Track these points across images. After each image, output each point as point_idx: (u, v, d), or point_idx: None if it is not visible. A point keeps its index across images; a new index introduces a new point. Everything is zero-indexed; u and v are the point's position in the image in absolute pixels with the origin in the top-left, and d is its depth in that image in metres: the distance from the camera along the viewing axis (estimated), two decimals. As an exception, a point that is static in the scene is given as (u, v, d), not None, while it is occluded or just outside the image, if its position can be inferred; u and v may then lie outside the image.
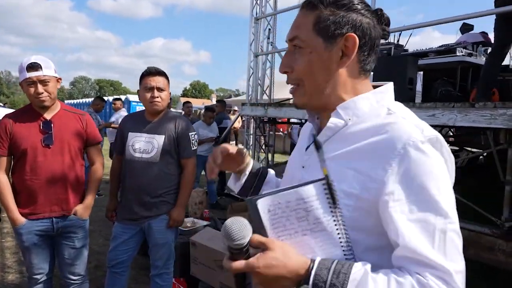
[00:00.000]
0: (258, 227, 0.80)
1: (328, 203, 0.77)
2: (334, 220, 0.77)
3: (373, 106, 0.88)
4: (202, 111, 7.35)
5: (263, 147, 6.51)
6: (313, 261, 0.77)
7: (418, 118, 0.85)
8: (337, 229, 0.78)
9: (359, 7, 0.87)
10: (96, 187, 2.54)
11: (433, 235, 0.74)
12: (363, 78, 0.91)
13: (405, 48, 6.27)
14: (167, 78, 2.58)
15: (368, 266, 0.76)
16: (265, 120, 6.23)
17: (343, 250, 0.78)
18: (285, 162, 6.24)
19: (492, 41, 5.49)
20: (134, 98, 21.25)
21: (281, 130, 7.69)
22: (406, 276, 0.74)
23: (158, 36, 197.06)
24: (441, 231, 0.75)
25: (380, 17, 0.91)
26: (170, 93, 2.63)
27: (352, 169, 0.82)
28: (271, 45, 6.09)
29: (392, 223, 0.76)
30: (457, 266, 0.75)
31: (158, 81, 2.51)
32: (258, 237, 0.78)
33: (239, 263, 0.77)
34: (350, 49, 0.86)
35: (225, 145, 1.09)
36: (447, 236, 0.75)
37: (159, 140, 2.53)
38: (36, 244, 2.31)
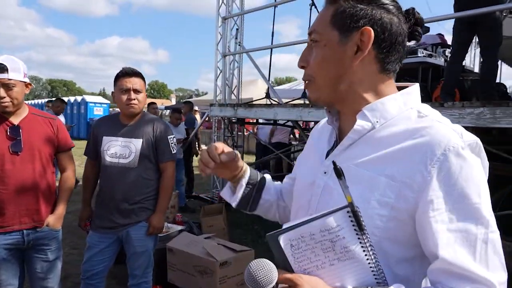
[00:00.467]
0: (282, 261, 0.77)
1: (355, 230, 0.72)
2: (362, 247, 0.73)
3: (401, 108, 0.84)
4: (165, 112, 7.12)
5: (232, 147, 6.45)
6: None
7: (450, 122, 0.82)
8: (365, 255, 0.73)
9: (383, 1, 0.83)
10: (68, 196, 2.40)
11: (475, 246, 0.72)
12: (386, 78, 0.86)
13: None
14: (143, 79, 2.48)
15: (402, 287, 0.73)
16: (233, 120, 6.18)
17: (374, 275, 0.74)
18: (254, 163, 6.22)
19: (449, 42, 5.80)
20: (91, 99, 20.41)
21: (245, 129, 7.67)
22: None
23: (114, 34, 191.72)
24: (483, 241, 0.72)
25: (411, 15, 0.86)
26: (146, 95, 2.53)
27: (385, 176, 0.78)
28: (239, 45, 6.05)
29: (432, 233, 0.73)
30: (500, 277, 0.72)
31: (134, 82, 2.41)
32: (284, 275, 0.75)
33: None
34: (365, 44, 0.82)
35: (217, 145, 1.00)
36: (489, 246, 0.72)
37: (137, 144, 2.42)
38: (5, 259, 2.14)
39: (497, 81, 4.71)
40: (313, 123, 5.16)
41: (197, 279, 2.83)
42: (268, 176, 1.16)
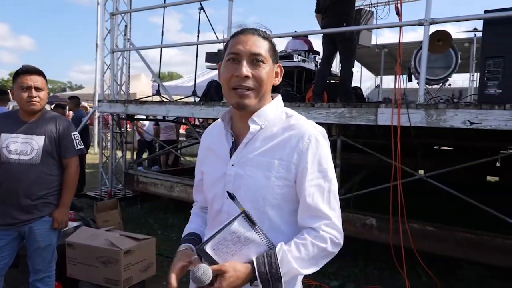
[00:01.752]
0: (210, 261, 1.10)
1: (250, 226, 1.11)
2: (256, 233, 1.12)
3: (275, 112, 1.25)
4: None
5: (120, 144, 6.41)
6: (251, 263, 1.10)
7: (305, 118, 1.27)
8: (259, 237, 1.13)
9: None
10: None
11: (323, 194, 1.17)
12: None
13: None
14: (45, 77, 2.53)
15: (283, 244, 1.12)
16: (122, 117, 6.17)
17: (266, 246, 1.14)
18: (146, 159, 6.27)
19: (313, 47, 6.73)
20: None
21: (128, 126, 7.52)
22: (306, 237, 1.13)
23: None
24: (328, 191, 1.18)
25: None
26: (48, 92, 2.58)
27: (277, 159, 1.18)
28: (128, 41, 6.04)
29: (304, 189, 1.16)
30: (336, 212, 1.19)
31: (36, 80, 2.45)
32: (214, 268, 1.08)
33: None
34: (280, 74, 1.28)
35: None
36: (331, 194, 1.18)
37: (39, 141, 2.47)
38: None
39: (358, 84, 5.68)
40: (202, 119, 5.49)
41: (100, 269, 2.96)
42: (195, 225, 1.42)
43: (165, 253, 4.10)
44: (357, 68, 13.10)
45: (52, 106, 6.29)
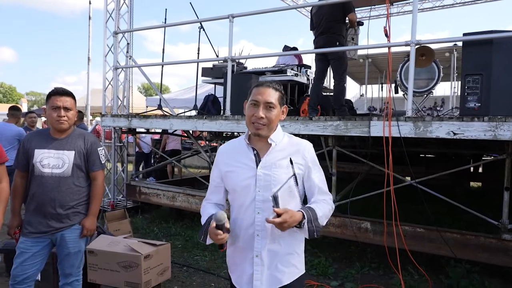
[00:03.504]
0: (276, 204, 1.64)
1: (295, 183, 1.79)
2: (297, 191, 1.81)
3: (280, 134, 1.86)
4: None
5: (122, 157, 6.62)
6: (300, 211, 1.69)
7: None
8: (298, 193, 1.81)
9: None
10: (4, 207, 2.56)
11: (324, 182, 1.86)
12: None
13: (244, 65, 7.37)
14: (74, 98, 2.79)
15: (313, 204, 1.78)
16: (124, 130, 6.40)
17: (300, 201, 1.82)
18: (147, 170, 6.46)
19: (303, 61, 7.09)
20: None
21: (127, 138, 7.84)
22: (323, 202, 1.80)
23: None
24: (324, 180, 1.87)
25: None
26: (77, 112, 2.84)
27: (295, 163, 1.80)
28: (130, 58, 6.31)
29: (314, 179, 1.83)
30: (330, 194, 1.88)
31: (65, 101, 2.70)
32: (278, 210, 1.59)
33: (274, 220, 1.58)
34: (285, 112, 1.87)
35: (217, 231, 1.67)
36: (325, 182, 1.87)
37: (69, 155, 2.72)
38: None
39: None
40: (206, 132, 5.76)
41: (121, 274, 3.19)
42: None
43: (172, 259, 4.34)
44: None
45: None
